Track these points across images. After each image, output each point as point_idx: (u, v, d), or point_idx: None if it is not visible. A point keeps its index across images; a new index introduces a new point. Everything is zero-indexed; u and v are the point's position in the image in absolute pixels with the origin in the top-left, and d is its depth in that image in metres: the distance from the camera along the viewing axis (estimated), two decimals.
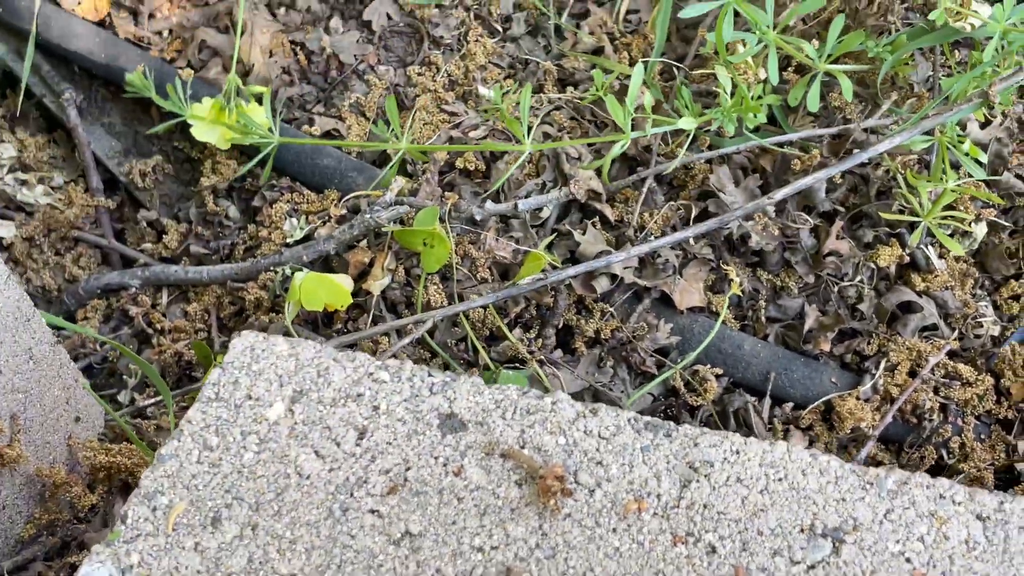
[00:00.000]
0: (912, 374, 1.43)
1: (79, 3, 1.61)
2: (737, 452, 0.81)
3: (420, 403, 0.82)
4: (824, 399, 1.43)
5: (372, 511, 0.77)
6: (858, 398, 1.42)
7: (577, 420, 0.82)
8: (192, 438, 0.79)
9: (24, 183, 1.62)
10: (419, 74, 1.59)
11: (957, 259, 1.50)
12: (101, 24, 1.62)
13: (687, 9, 1.25)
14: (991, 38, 1.29)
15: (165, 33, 1.62)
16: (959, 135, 1.38)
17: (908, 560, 0.76)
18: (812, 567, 0.76)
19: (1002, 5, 1.27)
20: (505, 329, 1.39)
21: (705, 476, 0.79)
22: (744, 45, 1.34)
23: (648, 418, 0.82)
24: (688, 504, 0.78)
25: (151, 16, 1.61)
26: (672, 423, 0.83)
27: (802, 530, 0.77)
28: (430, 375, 0.84)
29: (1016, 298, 1.50)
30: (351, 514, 0.77)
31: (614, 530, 0.77)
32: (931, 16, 1.30)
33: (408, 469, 0.79)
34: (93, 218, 1.61)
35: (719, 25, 1.25)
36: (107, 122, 1.65)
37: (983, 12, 1.33)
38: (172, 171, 1.60)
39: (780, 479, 0.79)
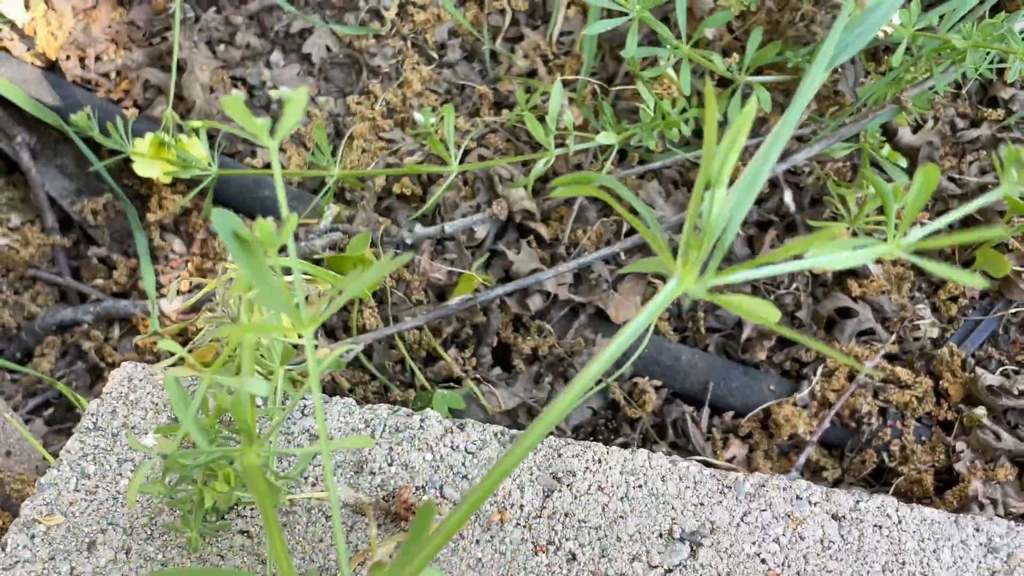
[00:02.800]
0: (850, 379, 1.44)
1: (28, 49, 1.65)
2: (599, 461, 0.82)
3: (291, 425, 0.84)
4: (763, 407, 1.44)
5: (242, 532, 0.80)
6: (795, 404, 1.43)
7: (444, 436, 0.84)
8: (70, 467, 0.82)
9: None
10: (358, 103, 1.62)
11: (894, 263, 1.51)
12: (50, 68, 1.67)
13: (591, 26, 1.27)
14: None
15: (112, 74, 1.66)
16: (881, 141, 1.40)
17: (763, 561, 0.77)
18: (669, 571, 0.77)
19: (908, 11, 1.28)
20: (440, 349, 1.41)
21: (567, 485, 0.81)
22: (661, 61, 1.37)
23: (514, 431, 0.84)
24: (550, 513, 0.80)
25: (98, 59, 1.66)
26: None
27: (661, 535, 0.79)
28: (303, 398, 0.86)
29: (954, 299, 1.51)
30: (222, 535, 0.80)
31: (477, 542, 0.79)
32: (837, 23, 1.31)
33: None
34: (50, 256, 1.66)
35: (628, 41, 1.27)
36: (60, 163, 1.69)
37: (894, 19, 1.35)
38: (122, 208, 1.64)
39: (640, 486, 0.81)
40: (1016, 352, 1.48)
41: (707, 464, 1.41)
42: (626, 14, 1.28)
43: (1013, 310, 1.48)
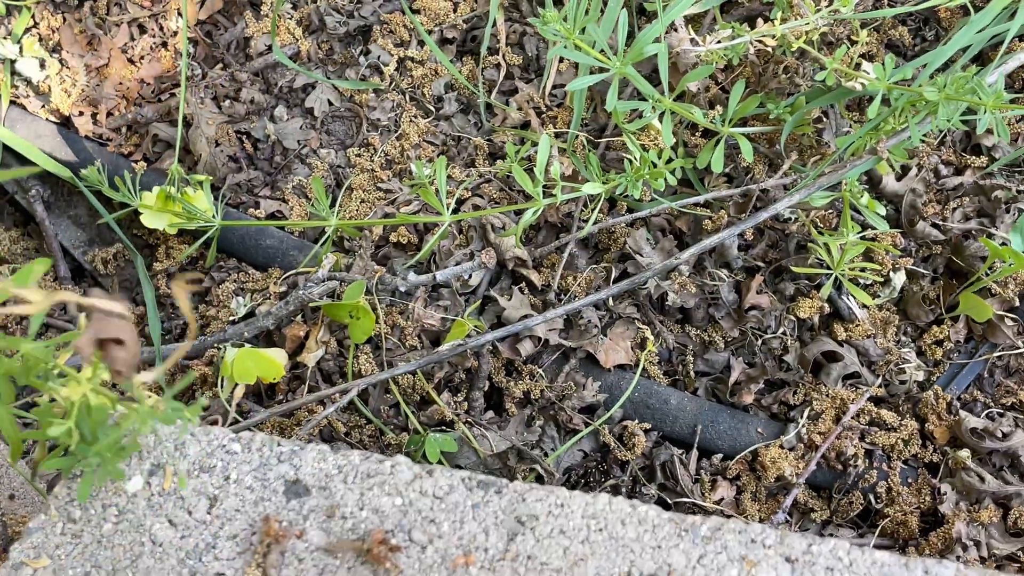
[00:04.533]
0: (837, 421, 1.47)
1: (43, 106, 1.72)
2: (562, 505, 0.86)
3: (268, 471, 0.88)
4: (750, 449, 1.47)
5: (218, 574, 0.84)
6: (782, 447, 1.46)
7: (414, 481, 0.88)
8: (57, 511, 0.87)
9: None
10: (358, 155, 1.68)
11: (879, 307, 1.54)
12: (64, 124, 1.74)
13: (576, 81, 1.32)
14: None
15: (122, 129, 1.73)
16: (862, 189, 1.43)
17: None
18: None
19: (882, 66, 1.32)
20: (433, 393, 1.45)
21: (531, 529, 0.85)
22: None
23: (481, 476, 0.88)
24: (513, 556, 0.83)
25: (109, 114, 1.72)
26: (505, 480, 0.88)
27: None
28: (279, 444, 0.90)
29: (939, 343, 1.53)
30: None
31: None
32: (818, 77, 1.36)
33: (254, 534, 0.85)
34: (61, 304, 1.71)
35: (609, 96, 1.32)
36: (73, 214, 1.76)
37: (871, 72, 1.39)
38: (131, 257, 1.70)
39: (600, 529, 0.84)
40: (1001, 395, 1.50)
41: (695, 507, 1.44)
42: (606, 70, 1.32)
43: (997, 354, 1.51)
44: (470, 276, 1.52)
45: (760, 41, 1.40)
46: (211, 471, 0.88)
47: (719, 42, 1.40)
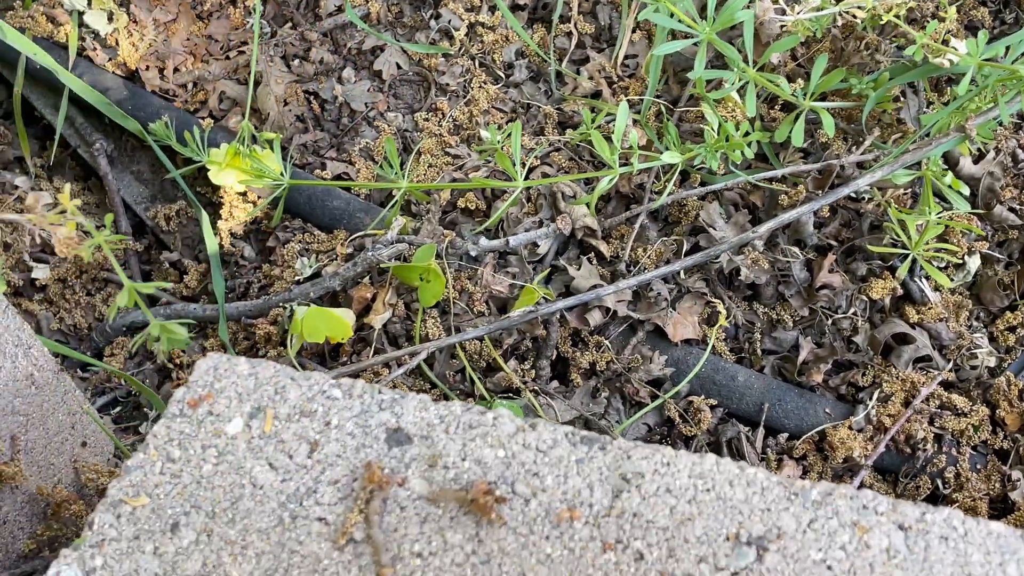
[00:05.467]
0: (906, 405, 1.45)
1: (109, 59, 1.71)
2: (668, 464, 0.84)
3: (369, 418, 0.87)
4: (818, 429, 1.45)
5: (320, 519, 0.83)
6: (851, 428, 1.44)
7: (516, 434, 0.86)
8: (157, 451, 0.86)
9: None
10: (426, 119, 1.66)
11: (952, 291, 1.52)
12: (130, 78, 1.72)
13: (659, 47, 1.30)
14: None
15: (189, 85, 1.72)
16: (944, 169, 1.41)
17: (829, 568, 0.79)
18: (736, 573, 0.79)
19: (975, 41, 1.30)
20: (500, 360, 1.44)
21: (636, 487, 0.83)
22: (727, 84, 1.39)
23: (585, 432, 0.87)
24: (618, 513, 0.82)
25: (176, 70, 1.71)
26: (607, 437, 0.87)
27: (727, 538, 0.80)
28: (380, 392, 0.89)
29: (1012, 329, 1.51)
30: (300, 522, 0.82)
31: (547, 537, 0.81)
32: (906, 52, 1.33)
33: (355, 480, 0.84)
34: (122, 260, 1.71)
35: (696, 62, 1.30)
36: (136, 170, 1.75)
37: (961, 49, 1.36)
38: (194, 215, 1.69)
39: (708, 490, 0.83)
40: None
41: None
42: (694, 35, 1.30)
43: None
44: (538, 245, 1.50)
45: (847, 13, 1.37)
46: (312, 416, 0.87)
47: (806, 12, 1.38)
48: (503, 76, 1.69)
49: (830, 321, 1.50)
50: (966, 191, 1.41)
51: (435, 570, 0.80)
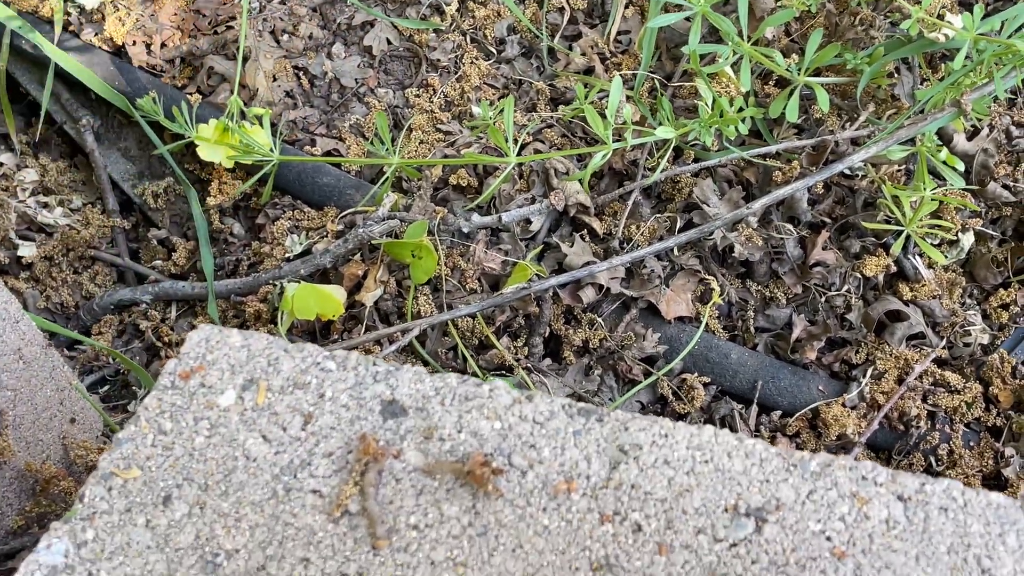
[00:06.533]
0: (899, 382, 1.45)
1: (95, 34, 1.69)
2: (666, 435, 0.84)
3: (364, 390, 0.86)
4: (811, 407, 1.45)
5: (314, 491, 0.81)
6: (844, 405, 1.44)
7: (513, 406, 0.85)
8: (148, 423, 0.84)
9: (45, 205, 1.70)
10: (417, 96, 1.64)
11: (945, 268, 1.51)
12: (116, 53, 1.70)
13: (654, 20, 1.29)
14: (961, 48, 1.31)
15: (176, 61, 1.69)
16: (938, 145, 1.40)
17: (829, 539, 0.78)
18: (734, 544, 0.78)
19: (971, 15, 1.29)
20: (492, 337, 1.43)
21: (634, 458, 0.82)
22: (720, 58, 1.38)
23: (581, 404, 0.86)
24: (616, 485, 0.81)
25: (163, 45, 1.69)
26: (605, 408, 0.86)
27: (726, 510, 0.80)
28: (374, 364, 0.88)
29: (1005, 307, 1.51)
30: (294, 494, 0.81)
31: (544, 509, 0.80)
32: (902, 26, 1.33)
33: (350, 452, 0.83)
34: (109, 238, 1.69)
35: (691, 35, 1.29)
36: (123, 146, 1.73)
37: (956, 23, 1.35)
38: (182, 192, 1.67)
39: (706, 461, 0.82)
40: None
41: None
42: (688, 8, 1.29)
43: None
44: (531, 221, 1.49)
45: None
46: (305, 388, 0.86)
47: None
48: (495, 52, 1.68)
49: (823, 298, 1.49)
50: (961, 167, 1.40)
51: (431, 542, 0.79)
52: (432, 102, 1.63)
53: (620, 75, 1.58)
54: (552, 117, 1.59)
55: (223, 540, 0.79)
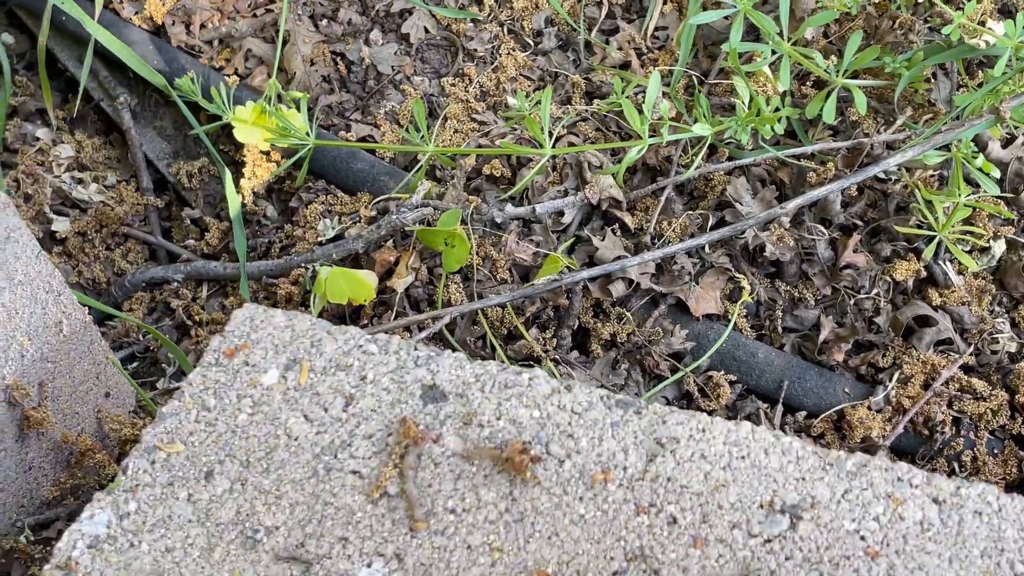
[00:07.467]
0: (926, 387, 1.45)
1: (136, 12, 1.70)
2: (703, 430, 0.84)
3: (405, 374, 0.87)
4: (836, 408, 1.45)
5: (354, 472, 0.82)
6: (869, 408, 1.44)
7: (552, 395, 0.86)
8: (192, 399, 0.86)
9: (80, 181, 1.71)
10: (452, 85, 1.65)
11: (975, 275, 1.51)
12: (156, 33, 1.71)
13: (697, 16, 1.29)
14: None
15: (215, 42, 1.70)
16: (974, 152, 1.40)
17: (863, 538, 0.79)
18: (769, 540, 0.79)
19: (1013, 22, 1.29)
20: (522, 328, 1.43)
21: (671, 451, 0.83)
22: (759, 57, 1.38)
23: (620, 396, 0.86)
24: (653, 477, 0.82)
25: (202, 26, 1.70)
26: (643, 401, 0.87)
27: (761, 506, 0.80)
28: (415, 349, 0.89)
29: None
30: (334, 474, 0.82)
31: (580, 498, 0.81)
32: (943, 31, 1.33)
33: (390, 435, 0.84)
34: (142, 216, 1.70)
35: (732, 33, 1.29)
36: (159, 125, 1.74)
37: (998, 30, 1.35)
38: (216, 172, 1.68)
39: (743, 457, 0.83)
40: None
41: None
42: (730, 7, 1.29)
43: None
44: (563, 214, 1.50)
45: None
46: (347, 370, 0.87)
47: None
48: (531, 43, 1.68)
49: (852, 301, 1.49)
50: (996, 174, 1.40)
51: (468, 526, 0.80)
52: (468, 92, 1.64)
53: (657, 71, 1.58)
54: (587, 111, 1.60)
55: (263, 516, 0.80)
